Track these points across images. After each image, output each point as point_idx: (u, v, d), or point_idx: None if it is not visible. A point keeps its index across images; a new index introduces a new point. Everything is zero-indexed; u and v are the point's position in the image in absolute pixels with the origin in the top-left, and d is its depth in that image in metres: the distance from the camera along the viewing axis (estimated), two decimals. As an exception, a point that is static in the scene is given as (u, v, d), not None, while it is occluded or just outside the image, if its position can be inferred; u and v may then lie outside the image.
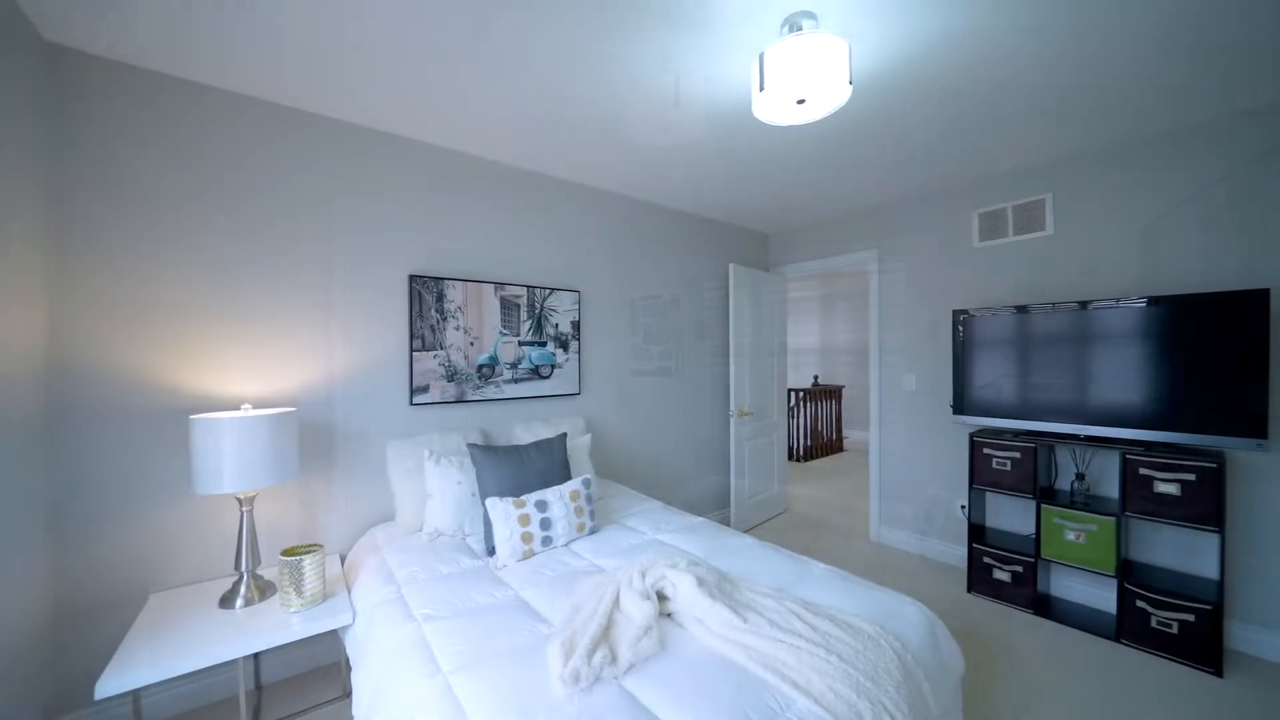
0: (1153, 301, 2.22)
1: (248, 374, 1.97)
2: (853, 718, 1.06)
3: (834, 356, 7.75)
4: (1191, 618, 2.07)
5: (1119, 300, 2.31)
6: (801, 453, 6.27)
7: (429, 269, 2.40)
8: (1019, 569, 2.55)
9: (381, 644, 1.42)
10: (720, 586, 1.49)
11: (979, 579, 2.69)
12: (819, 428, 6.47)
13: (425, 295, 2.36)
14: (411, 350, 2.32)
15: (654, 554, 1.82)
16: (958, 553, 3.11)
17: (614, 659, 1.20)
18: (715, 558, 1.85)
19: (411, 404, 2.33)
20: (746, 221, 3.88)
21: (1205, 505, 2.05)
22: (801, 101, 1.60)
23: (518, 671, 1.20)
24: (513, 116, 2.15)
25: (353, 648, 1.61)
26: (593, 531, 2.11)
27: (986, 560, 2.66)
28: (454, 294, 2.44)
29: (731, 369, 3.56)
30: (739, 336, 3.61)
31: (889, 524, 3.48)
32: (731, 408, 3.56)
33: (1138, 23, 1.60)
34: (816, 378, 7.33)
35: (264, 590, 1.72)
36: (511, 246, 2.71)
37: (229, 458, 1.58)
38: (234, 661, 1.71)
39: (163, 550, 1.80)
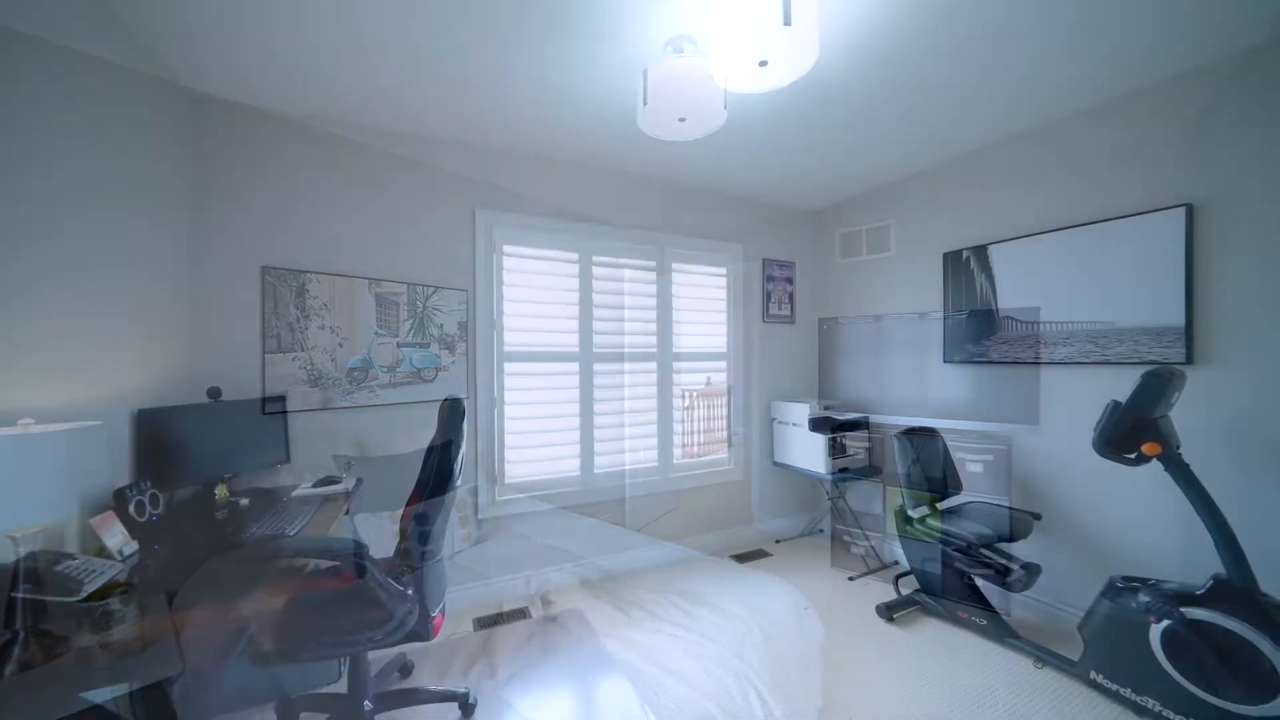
0: (969, 315, 2.69)
1: (37, 381, 1.59)
2: (720, 693, 1.15)
3: (725, 357, 8.25)
4: (990, 570, 2.54)
5: (946, 315, 2.76)
6: (695, 449, 6.58)
7: (287, 260, 2.14)
8: (870, 544, 2.94)
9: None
10: (605, 586, 1.52)
11: (840, 555, 3.05)
12: (711, 425, 6.85)
13: (282, 290, 2.09)
14: (265, 352, 2.05)
15: (543, 558, 1.80)
16: (824, 532, 3.49)
17: (493, 672, 1.17)
18: (605, 557, 1.88)
19: (264, 413, 2.05)
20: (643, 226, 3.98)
21: (999, 479, 2.53)
22: (683, 120, 1.69)
23: (386, 698, 1.12)
24: (393, 93, 2.00)
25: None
26: (480, 541, 2.03)
27: (845, 538, 3.03)
28: (318, 289, 2.20)
29: (625, 369, 3.64)
30: (634, 337, 3.70)
31: (769, 512, 3.80)
32: (626, 407, 3.63)
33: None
34: (709, 379, 7.75)
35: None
36: (389, 240, 2.51)
37: (-2, 487, 1.27)
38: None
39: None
